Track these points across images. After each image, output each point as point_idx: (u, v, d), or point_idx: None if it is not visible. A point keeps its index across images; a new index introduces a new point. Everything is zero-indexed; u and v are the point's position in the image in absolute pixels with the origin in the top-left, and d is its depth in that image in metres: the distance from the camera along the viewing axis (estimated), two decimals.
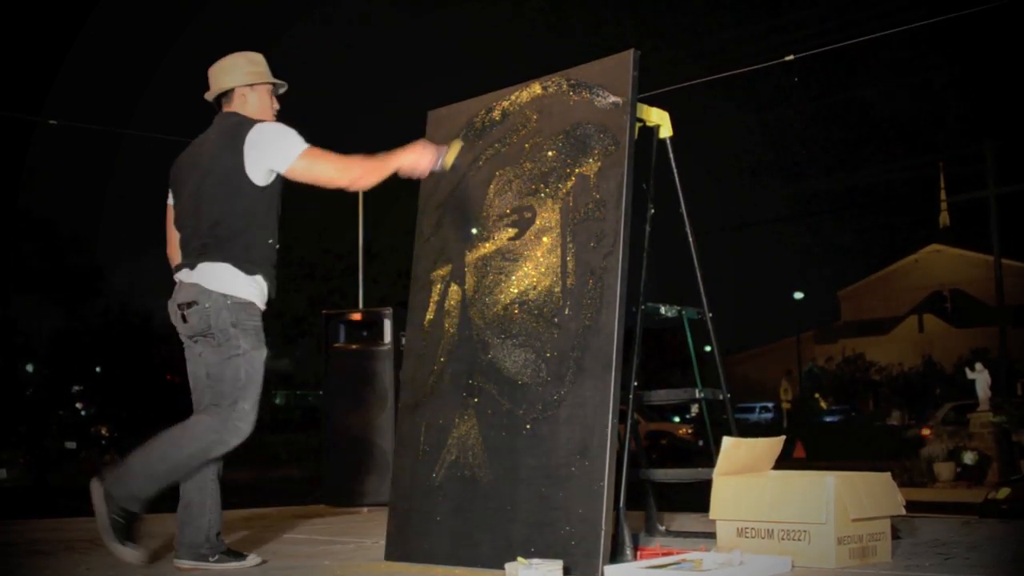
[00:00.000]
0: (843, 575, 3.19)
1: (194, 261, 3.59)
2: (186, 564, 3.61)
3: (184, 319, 3.60)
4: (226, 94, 3.74)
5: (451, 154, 3.75)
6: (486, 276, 3.86)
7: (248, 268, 3.55)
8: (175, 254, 3.76)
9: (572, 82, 3.81)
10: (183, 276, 3.62)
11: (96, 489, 3.43)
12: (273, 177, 3.60)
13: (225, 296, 3.52)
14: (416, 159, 3.61)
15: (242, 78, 3.73)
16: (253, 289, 3.58)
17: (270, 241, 3.61)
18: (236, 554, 3.68)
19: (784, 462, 3.79)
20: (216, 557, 3.61)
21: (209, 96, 3.79)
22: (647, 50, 3.71)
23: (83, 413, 39.60)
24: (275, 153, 3.54)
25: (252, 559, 3.70)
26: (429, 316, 4.01)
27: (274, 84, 3.79)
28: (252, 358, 3.56)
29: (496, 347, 3.75)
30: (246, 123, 3.62)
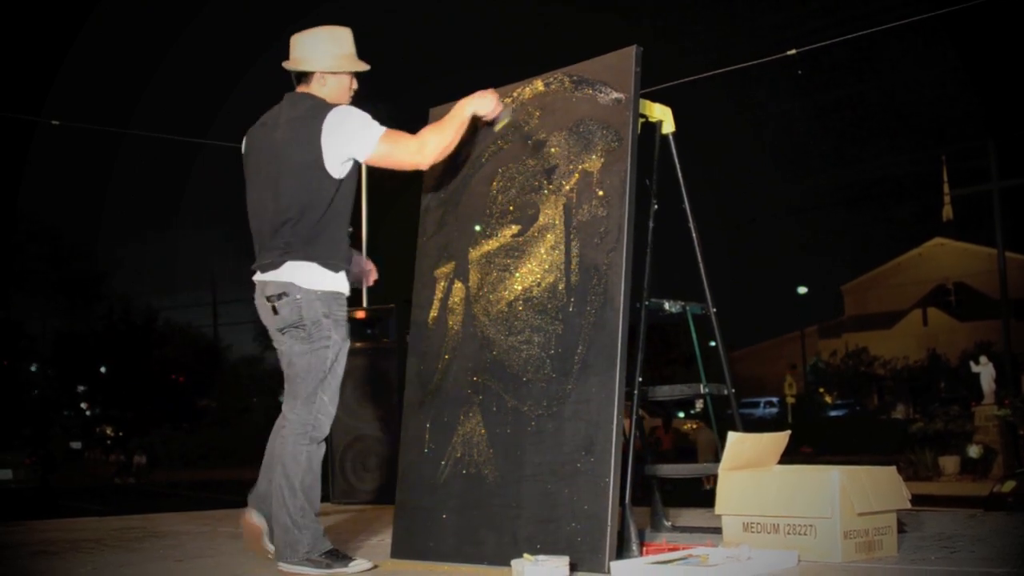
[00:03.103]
0: (849, 569, 3.19)
1: (278, 260, 3.49)
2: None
3: (275, 311, 3.50)
4: (305, 73, 3.60)
5: (503, 121, 3.83)
6: (490, 273, 3.86)
7: (334, 265, 3.51)
8: None
9: (574, 78, 3.80)
10: (267, 276, 3.52)
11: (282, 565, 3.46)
12: (351, 166, 3.52)
13: (315, 289, 3.47)
14: (483, 103, 3.64)
15: (325, 63, 3.58)
16: (340, 282, 3.54)
17: (350, 230, 3.59)
18: (344, 556, 3.54)
19: (789, 457, 3.79)
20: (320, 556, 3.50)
21: (287, 67, 3.62)
22: (648, 45, 3.69)
23: (88, 413, 39.67)
24: (354, 141, 3.46)
25: (360, 563, 3.54)
26: (433, 313, 4.01)
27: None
28: (341, 350, 3.53)
29: (500, 344, 3.75)
30: (321, 109, 3.49)
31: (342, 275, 3.54)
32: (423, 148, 3.50)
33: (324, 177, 3.45)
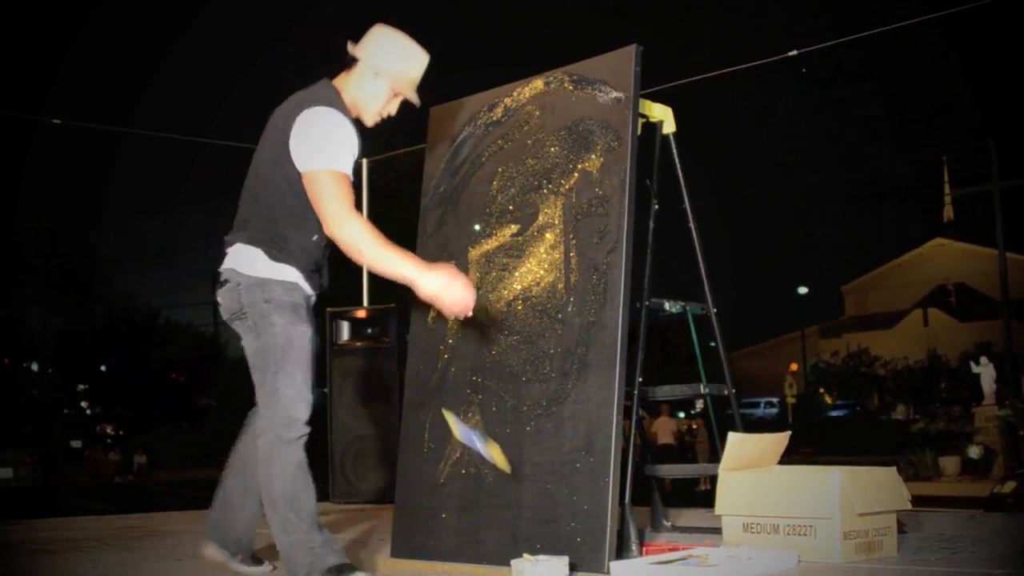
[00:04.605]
0: (849, 570, 3.19)
1: (232, 238, 3.27)
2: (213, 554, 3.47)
3: (219, 300, 3.27)
4: (353, 60, 3.26)
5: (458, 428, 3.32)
6: (489, 272, 3.86)
7: (277, 256, 3.18)
8: None
9: (574, 78, 3.80)
10: (227, 252, 3.30)
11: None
12: None
13: (254, 275, 3.19)
14: (441, 290, 3.07)
15: (376, 60, 3.22)
16: (284, 271, 3.19)
17: (314, 238, 3.20)
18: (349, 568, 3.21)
19: (789, 457, 3.79)
20: (240, 558, 3.47)
21: (349, 47, 3.29)
22: (648, 45, 3.69)
23: (88, 412, 39.68)
24: (303, 148, 3.12)
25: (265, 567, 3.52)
26: (432, 313, 4.00)
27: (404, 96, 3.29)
28: (290, 333, 3.16)
29: (500, 343, 3.75)
30: (307, 103, 3.17)
31: (286, 267, 3.19)
32: (344, 227, 3.07)
33: (283, 174, 3.16)
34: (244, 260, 3.22)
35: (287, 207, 3.18)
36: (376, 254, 3.06)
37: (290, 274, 3.21)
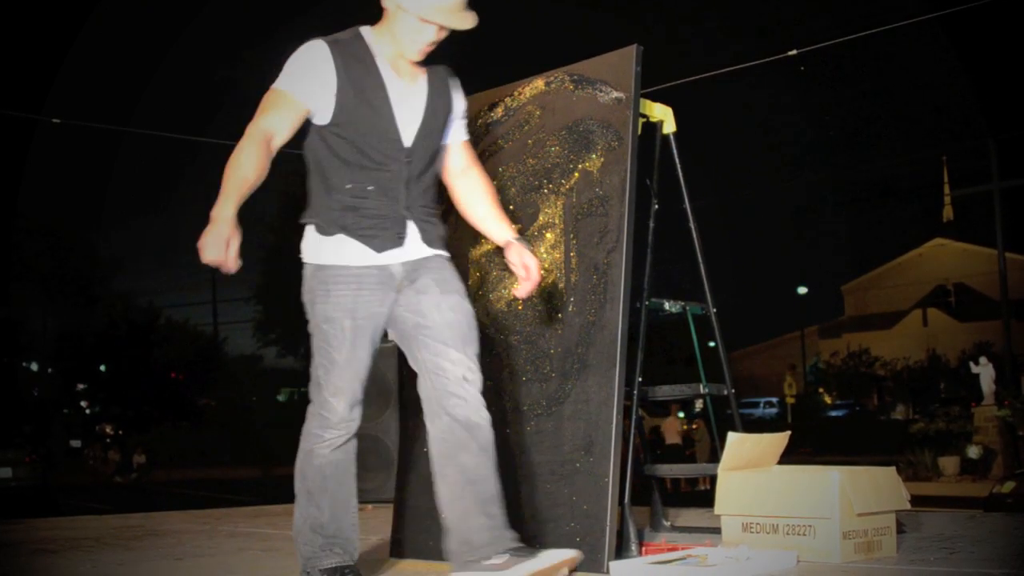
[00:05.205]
0: (848, 570, 3.19)
1: None
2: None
3: None
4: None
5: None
6: (489, 272, 3.86)
7: (322, 228, 2.97)
8: None
9: (575, 77, 3.80)
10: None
11: None
12: (321, 116, 2.95)
13: (309, 263, 3.01)
14: (204, 244, 2.70)
15: None
16: (338, 249, 2.96)
17: (348, 186, 2.93)
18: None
19: (789, 457, 3.79)
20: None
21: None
22: (648, 45, 3.69)
23: (88, 412, 39.68)
24: None
25: None
26: None
27: (431, 22, 2.92)
28: (323, 331, 2.97)
29: (500, 343, 3.75)
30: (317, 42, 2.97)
31: (337, 240, 2.96)
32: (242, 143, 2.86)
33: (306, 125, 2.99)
34: (304, 243, 3.06)
35: (315, 157, 3.03)
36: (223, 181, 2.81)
37: (335, 250, 3.01)
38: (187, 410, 37.19)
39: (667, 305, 3.95)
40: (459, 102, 3.19)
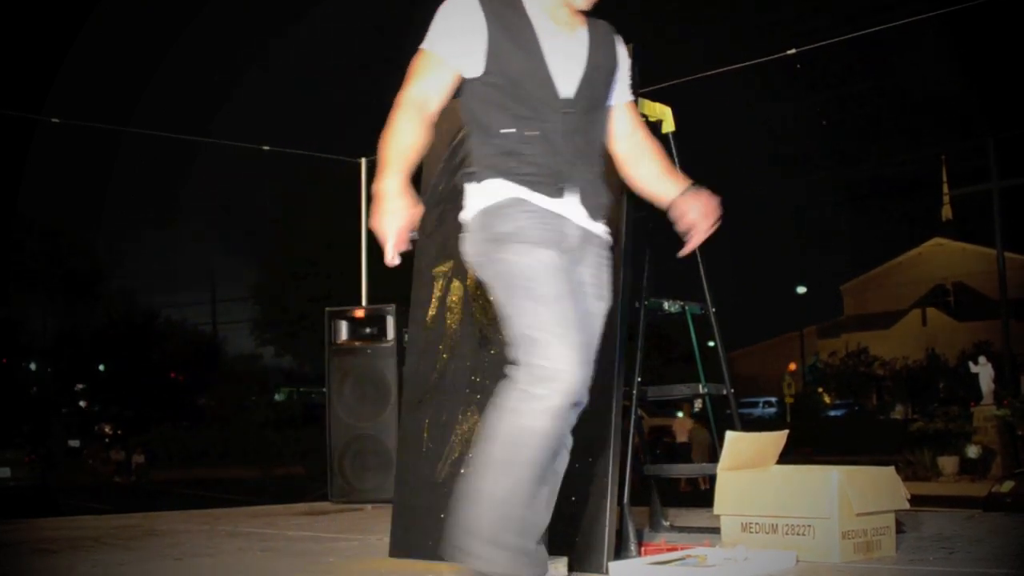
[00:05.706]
0: (848, 570, 3.19)
1: None
2: None
3: None
4: None
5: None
6: None
7: (479, 175, 2.82)
8: None
9: None
10: None
11: None
12: (473, 69, 2.80)
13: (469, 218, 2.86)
14: (377, 221, 2.62)
15: None
16: (496, 190, 2.77)
17: (506, 131, 2.75)
18: None
19: (788, 457, 3.79)
20: None
21: None
22: (648, 45, 3.69)
23: (87, 412, 39.70)
24: None
25: None
26: (431, 312, 4.00)
27: None
28: (510, 264, 2.72)
29: (498, 343, 3.74)
30: None
31: (494, 184, 2.78)
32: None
33: None
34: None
35: (470, 108, 2.91)
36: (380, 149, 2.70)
37: (494, 191, 2.83)
38: (187, 410, 37.21)
39: (666, 305, 3.95)
40: (624, 59, 2.98)
